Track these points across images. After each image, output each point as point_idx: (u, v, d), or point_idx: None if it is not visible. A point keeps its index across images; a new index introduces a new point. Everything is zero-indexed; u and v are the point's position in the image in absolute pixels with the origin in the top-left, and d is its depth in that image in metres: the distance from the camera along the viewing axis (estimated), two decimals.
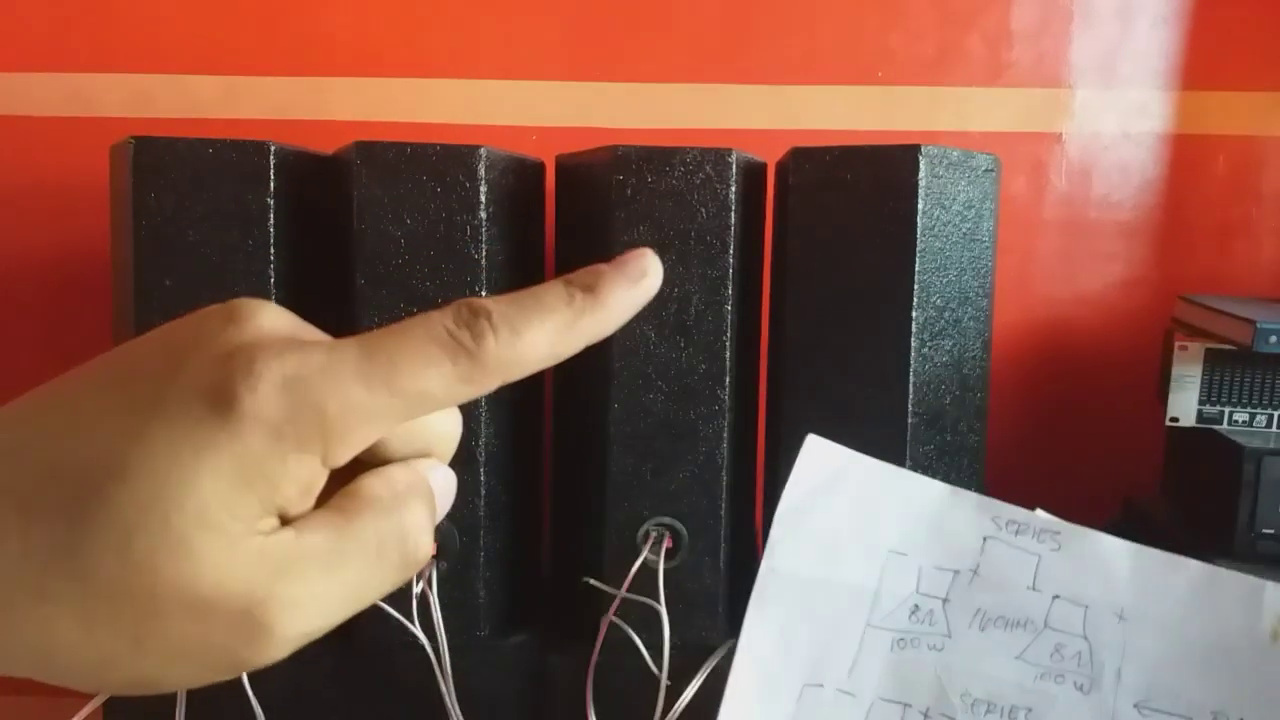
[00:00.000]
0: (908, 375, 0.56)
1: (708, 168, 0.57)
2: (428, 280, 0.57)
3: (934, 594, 0.35)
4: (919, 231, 0.56)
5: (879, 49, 0.83)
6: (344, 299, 0.58)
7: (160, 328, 0.25)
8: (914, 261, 0.56)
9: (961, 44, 0.83)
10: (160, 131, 0.58)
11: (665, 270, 0.57)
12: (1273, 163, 0.83)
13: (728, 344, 0.58)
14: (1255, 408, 0.72)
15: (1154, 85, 0.83)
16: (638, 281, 0.26)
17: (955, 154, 0.57)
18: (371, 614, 0.49)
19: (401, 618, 0.56)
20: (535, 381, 0.64)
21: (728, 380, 0.58)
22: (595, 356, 0.65)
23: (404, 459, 0.26)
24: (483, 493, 0.59)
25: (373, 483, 0.24)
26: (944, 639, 0.34)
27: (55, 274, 0.84)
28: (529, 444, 0.64)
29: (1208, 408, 0.73)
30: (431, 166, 0.56)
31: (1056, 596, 0.33)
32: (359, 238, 0.57)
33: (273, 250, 0.57)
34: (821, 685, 0.35)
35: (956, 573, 0.36)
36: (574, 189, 0.62)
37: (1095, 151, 0.84)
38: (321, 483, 0.23)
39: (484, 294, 0.58)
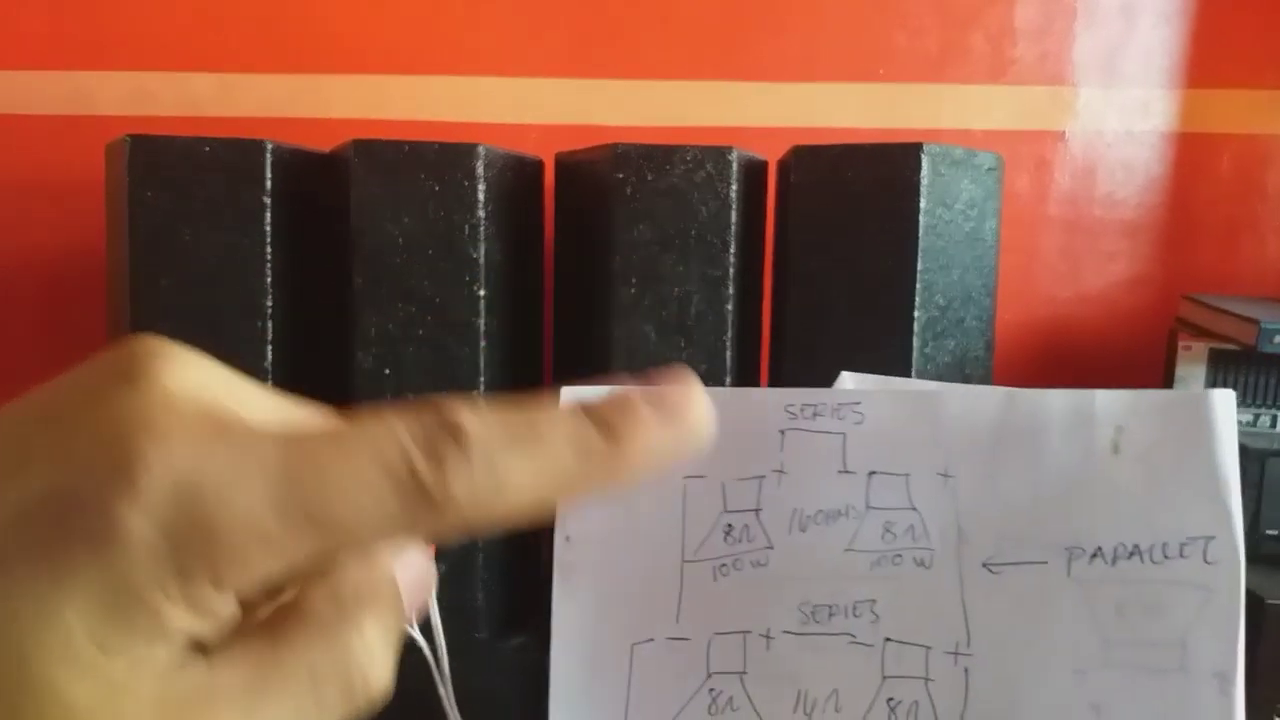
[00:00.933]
0: (910, 375, 0.56)
1: (708, 166, 0.56)
2: (426, 279, 0.57)
3: (744, 508, 0.32)
4: (921, 230, 0.55)
5: (881, 46, 0.82)
6: (342, 298, 0.58)
7: (64, 379, 0.20)
8: (916, 260, 0.55)
9: (964, 42, 0.82)
10: (157, 129, 0.57)
11: (665, 270, 0.57)
12: (1277, 160, 0.83)
13: (728, 344, 0.57)
14: (1259, 408, 0.72)
15: (1157, 83, 0.82)
16: (678, 435, 0.21)
17: (958, 152, 0.56)
18: None
19: None
20: (535, 381, 0.64)
21: (728, 380, 0.57)
22: (595, 357, 0.65)
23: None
24: None
25: (316, 599, 0.19)
26: (766, 552, 0.31)
27: (53, 272, 0.84)
28: None
29: None
30: (430, 165, 0.56)
31: (873, 473, 0.30)
32: (357, 236, 0.56)
33: (269, 249, 0.57)
34: (652, 639, 0.31)
35: (762, 478, 0.31)
36: (574, 187, 0.62)
37: (1099, 150, 0.83)
38: (227, 607, 0.18)
39: (481, 292, 0.58)
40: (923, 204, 0.55)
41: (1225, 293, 0.80)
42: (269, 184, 0.56)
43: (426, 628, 0.59)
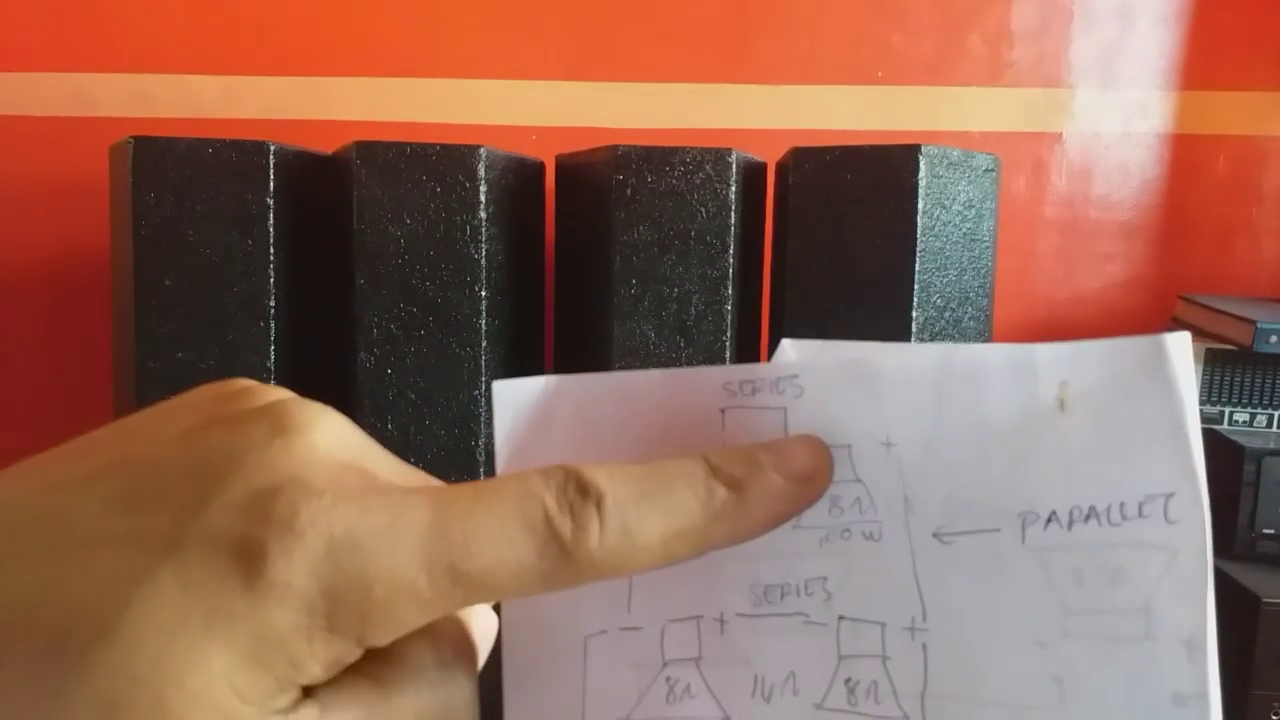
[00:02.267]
0: None
1: (708, 167, 0.57)
2: (427, 280, 0.57)
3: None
4: (919, 231, 0.55)
5: (879, 49, 0.83)
6: (344, 298, 0.58)
7: (184, 408, 0.20)
8: (914, 261, 0.56)
9: (962, 44, 0.83)
10: (160, 131, 0.58)
11: (665, 270, 0.58)
12: (1273, 162, 0.83)
13: (728, 344, 0.58)
14: (1255, 408, 0.72)
15: (1154, 85, 0.83)
16: (801, 488, 0.21)
17: (955, 154, 0.57)
18: None
19: None
20: None
21: None
22: (595, 356, 0.66)
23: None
24: None
25: (418, 649, 0.20)
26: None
27: (55, 273, 0.84)
28: None
29: (1208, 407, 0.73)
30: (431, 166, 0.56)
31: None
32: (359, 237, 0.57)
33: (272, 250, 0.57)
34: (604, 631, 0.30)
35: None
36: (574, 188, 0.62)
37: (1095, 151, 0.84)
38: (354, 659, 0.18)
39: (483, 292, 0.58)
40: (920, 205, 0.55)
41: (1221, 293, 0.80)
42: (272, 185, 0.57)
43: None
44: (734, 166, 0.57)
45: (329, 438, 0.19)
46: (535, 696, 0.31)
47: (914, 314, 0.56)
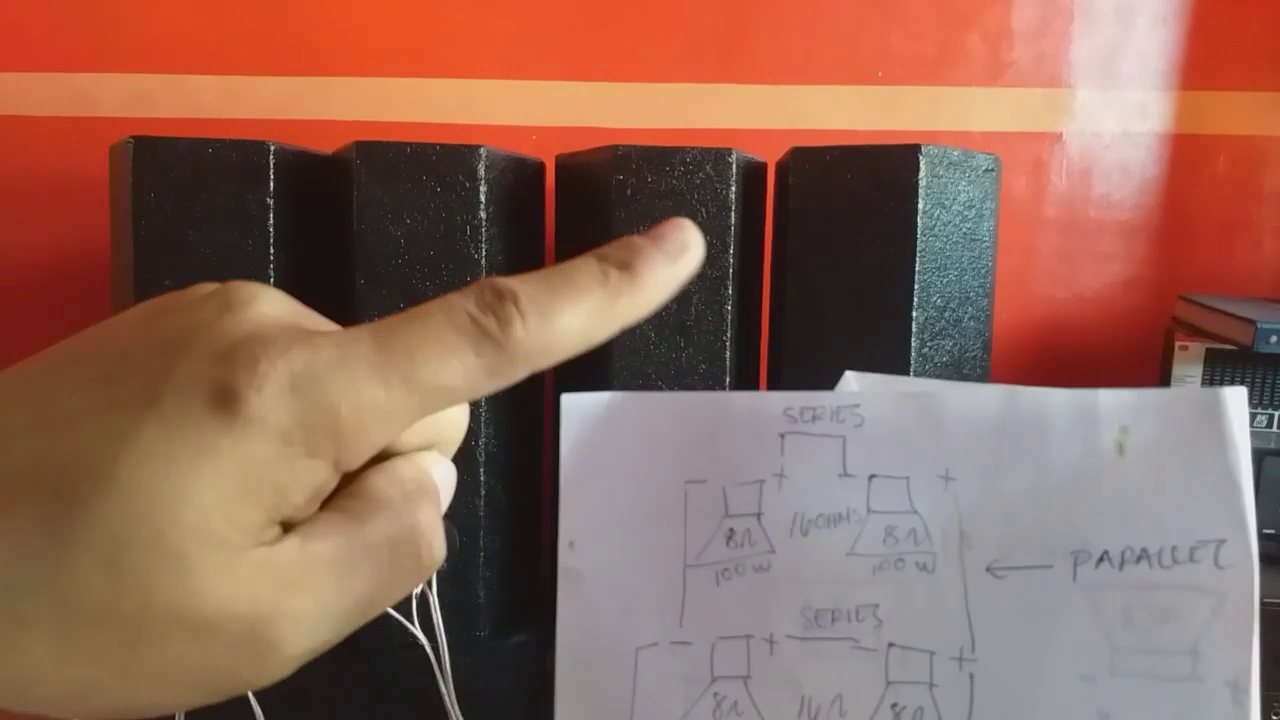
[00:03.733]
0: (908, 374, 0.56)
1: (708, 167, 0.57)
2: (427, 280, 0.57)
3: (745, 512, 0.32)
4: (919, 231, 0.56)
5: (879, 49, 0.83)
6: (344, 298, 0.58)
7: (140, 308, 0.22)
8: (914, 261, 0.56)
9: (962, 44, 0.83)
10: (160, 131, 0.58)
11: None
12: (1273, 162, 0.83)
13: (728, 344, 0.58)
14: (1255, 408, 0.72)
15: (1154, 85, 0.83)
16: (678, 257, 0.24)
17: (955, 154, 0.57)
18: None
19: (401, 618, 0.56)
20: (535, 381, 0.64)
21: (727, 380, 0.58)
22: (595, 356, 0.65)
23: (407, 452, 0.24)
24: (483, 493, 0.59)
25: (381, 482, 0.22)
26: (768, 556, 0.31)
27: (55, 273, 0.84)
28: (529, 444, 0.64)
29: None
30: (431, 166, 0.56)
31: (873, 476, 0.29)
32: (359, 237, 0.57)
33: (272, 250, 0.57)
34: (656, 644, 0.31)
35: (762, 482, 0.31)
36: (574, 189, 0.62)
37: (1095, 151, 0.84)
38: (331, 488, 0.21)
39: None
40: (920, 205, 0.55)
41: (1221, 293, 0.80)
42: (272, 185, 0.57)
43: (428, 625, 0.60)
44: (734, 166, 0.57)
45: (271, 306, 0.22)
46: (586, 700, 0.32)
47: (914, 314, 0.56)
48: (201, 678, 0.19)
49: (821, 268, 0.58)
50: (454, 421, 0.26)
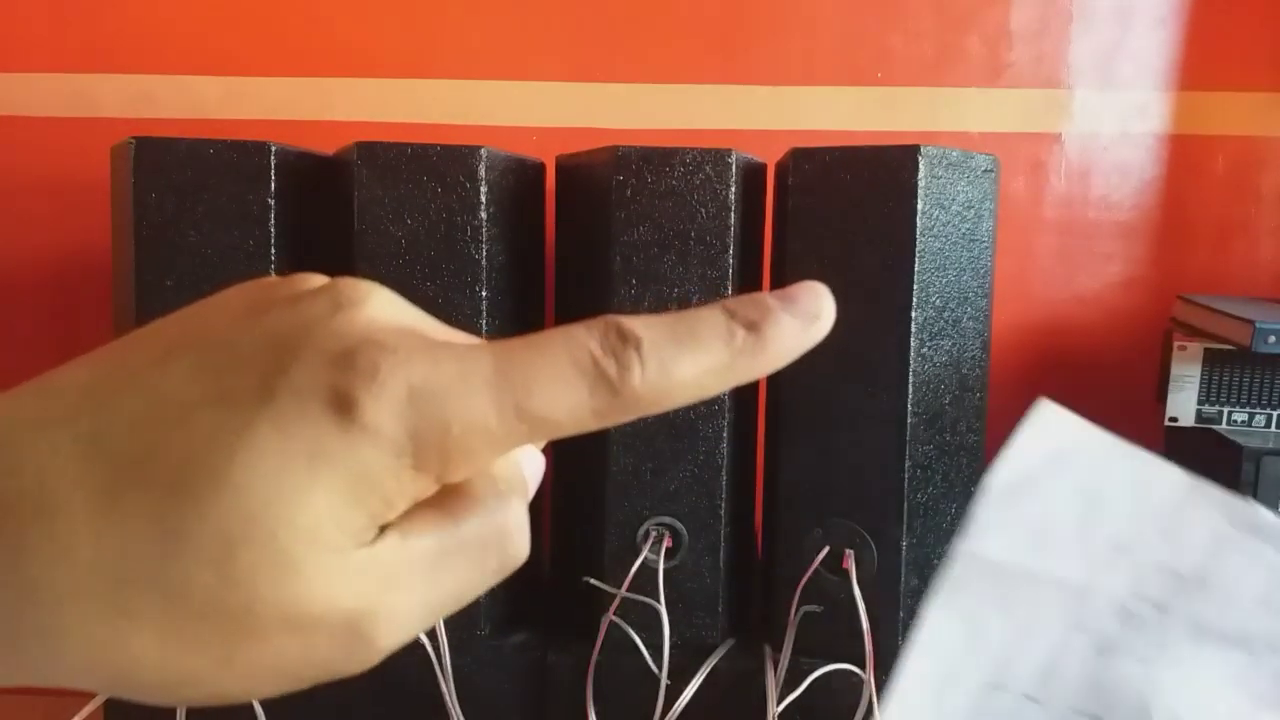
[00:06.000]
0: (907, 375, 0.56)
1: (707, 168, 0.57)
2: (428, 280, 0.57)
3: (1151, 599, 0.30)
4: (918, 232, 0.56)
5: (878, 50, 0.83)
6: None
7: (232, 296, 0.22)
8: (913, 262, 0.56)
9: (961, 45, 0.83)
10: (162, 132, 0.58)
11: (664, 271, 0.58)
12: (1271, 163, 0.83)
13: None
14: (1254, 408, 0.72)
15: (1152, 86, 0.83)
16: (808, 326, 0.23)
17: (954, 154, 0.57)
18: None
19: None
20: None
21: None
22: None
23: None
24: None
25: (479, 483, 0.22)
26: (1156, 651, 0.29)
27: (56, 274, 0.84)
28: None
29: (1207, 408, 0.73)
30: (432, 167, 0.57)
31: None
32: (359, 238, 0.57)
33: (273, 250, 0.57)
34: (1005, 688, 0.30)
35: (1181, 577, 0.30)
36: (574, 189, 0.62)
37: (1094, 152, 0.84)
38: (429, 495, 0.21)
39: (484, 293, 0.58)
40: (919, 205, 0.55)
41: (1220, 293, 0.81)
42: (273, 186, 0.57)
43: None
44: (734, 167, 0.57)
45: (385, 307, 0.22)
46: (916, 713, 0.31)
47: (913, 314, 0.56)
48: (299, 669, 0.20)
49: (821, 268, 0.58)
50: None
